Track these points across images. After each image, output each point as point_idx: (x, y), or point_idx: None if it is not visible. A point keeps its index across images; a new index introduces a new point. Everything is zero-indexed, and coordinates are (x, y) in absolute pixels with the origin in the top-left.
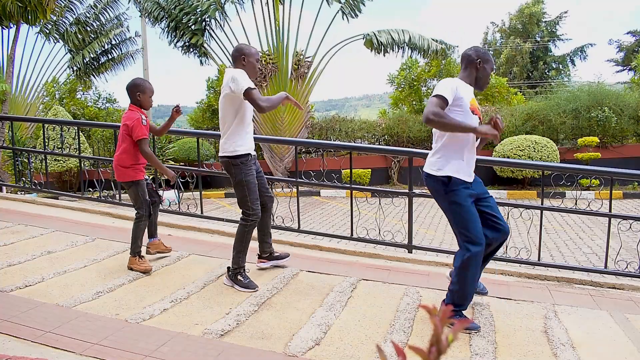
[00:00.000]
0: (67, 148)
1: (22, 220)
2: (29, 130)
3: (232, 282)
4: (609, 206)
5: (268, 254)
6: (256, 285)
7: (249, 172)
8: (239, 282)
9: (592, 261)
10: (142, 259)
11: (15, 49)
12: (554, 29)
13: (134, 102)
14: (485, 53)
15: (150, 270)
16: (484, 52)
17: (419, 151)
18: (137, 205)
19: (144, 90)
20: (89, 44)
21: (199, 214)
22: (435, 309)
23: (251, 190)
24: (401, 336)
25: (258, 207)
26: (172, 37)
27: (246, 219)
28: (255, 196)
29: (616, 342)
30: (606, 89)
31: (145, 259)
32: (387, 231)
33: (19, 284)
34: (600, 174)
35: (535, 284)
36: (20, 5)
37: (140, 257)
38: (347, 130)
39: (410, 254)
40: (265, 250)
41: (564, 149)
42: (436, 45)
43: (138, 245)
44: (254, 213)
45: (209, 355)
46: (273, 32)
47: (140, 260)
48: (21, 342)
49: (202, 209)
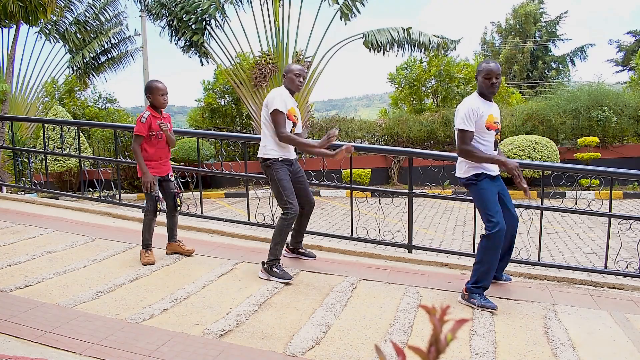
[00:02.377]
0: (67, 148)
1: (22, 220)
2: (29, 130)
3: (267, 275)
4: (609, 206)
5: (293, 248)
6: (291, 276)
7: (280, 171)
8: (274, 273)
9: (592, 261)
10: (147, 252)
11: (15, 49)
12: (554, 29)
13: (150, 103)
14: (480, 64)
15: (150, 263)
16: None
17: (419, 151)
18: (145, 199)
19: (151, 91)
20: (88, 44)
21: (199, 214)
22: (435, 309)
23: (284, 187)
24: (401, 336)
25: (294, 201)
26: (172, 35)
27: (285, 212)
28: (289, 192)
29: (616, 342)
30: (606, 89)
31: (151, 253)
32: (387, 231)
33: (19, 284)
34: (600, 174)
35: (535, 284)
36: (21, 5)
37: (147, 251)
38: (347, 130)
39: (410, 254)
40: (294, 244)
41: (564, 149)
42: (437, 40)
43: (145, 238)
44: (291, 207)
45: (209, 355)
46: (273, 32)
47: (146, 253)
48: (21, 342)
49: (202, 209)
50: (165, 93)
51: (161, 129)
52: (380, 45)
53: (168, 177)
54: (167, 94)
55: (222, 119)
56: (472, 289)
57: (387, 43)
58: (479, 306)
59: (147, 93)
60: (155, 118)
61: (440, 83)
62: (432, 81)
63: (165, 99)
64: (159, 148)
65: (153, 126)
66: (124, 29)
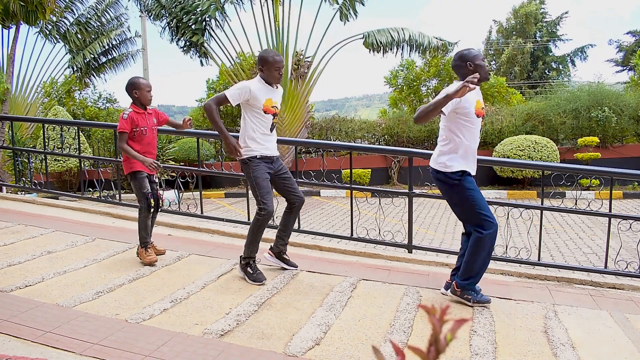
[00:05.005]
0: (67, 148)
1: (22, 220)
2: (29, 130)
3: (243, 274)
4: (609, 206)
5: (278, 251)
6: (264, 278)
7: (257, 169)
8: (247, 274)
9: (592, 261)
10: (147, 251)
11: (15, 49)
12: (554, 29)
13: (134, 100)
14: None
15: (153, 262)
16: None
17: (419, 151)
18: (137, 198)
19: (138, 87)
20: (89, 44)
21: (199, 214)
22: (435, 309)
23: (259, 185)
24: (401, 336)
25: (269, 202)
26: (173, 36)
27: (259, 212)
28: (264, 191)
29: (616, 342)
30: (606, 89)
31: (151, 251)
32: (387, 231)
33: (19, 284)
34: (600, 174)
35: (535, 284)
36: (22, 5)
37: (147, 249)
38: (347, 130)
39: (410, 254)
40: (279, 247)
41: (564, 149)
42: (436, 41)
43: (142, 236)
44: (265, 207)
45: (209, 355)
46: (273, 32)
47: (146, 252)
48: (21, 342)
49: (202, 209)
50: (151, 89)
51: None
52: (380, 45)
53: (154, 179)
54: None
55: (222, 119)
56: (466, 285)
57: (387, 43)
58: (475, 302)
59: (134, 89)
60: (138, 114)
61: (442, 84)
62: (433, 81)
63: (151, 94)
64: (144, 144)
65: (138, 122)
66: (125, 30)
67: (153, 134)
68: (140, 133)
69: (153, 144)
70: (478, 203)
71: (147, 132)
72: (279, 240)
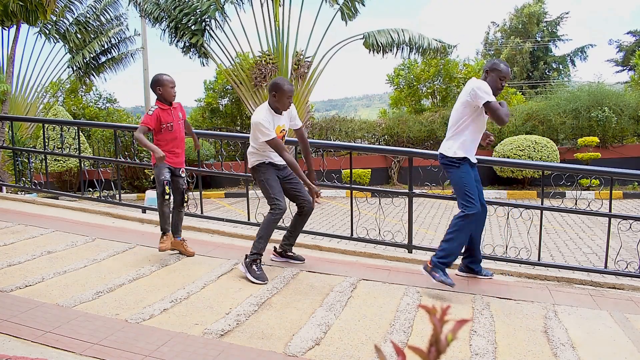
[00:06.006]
0: (67, 148)
1: (22, 220)
2: (29, 130)
3: (246, 270)
4: (609, 206)
5: (282, 251)
6: (267, 279)
7: (266, 172)
8: (252, 271)
9: (592, 261)
10: (163, 238)
11: (15, 49)
12: (555, 29)
13: (158, 97)
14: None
15: (163, 249)
16: (496, 61)
17: (419, 151)
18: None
19: (162, 83)
20: (89, 44)
21: (199, 214)
22: (435, 309)
23: (270, 185)
24: (401, 336)
25: (281, 199)
26: (172, 38)
27: (272, 211)
28: (275, 190)
29: (616, 342)
30: (606, 89)
31: (166, 238)
32: (387, 231)
33: (19, 284)
34: (600, 174)
35: (535, 284)
36: (22, 5)
37: (163, 236)
38: (347, 130)
39: (410, 254)
40: (283, 246)
41: (564, 149)
42: (436, 43)
43: (161, 222)
44: (278, 204)
45: (209, 355)
46: (273, 32)
47: (162, 238)
48: (21, 342)
49: (202, 209)
50: (174, 85)
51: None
52: (380, 46)
53: (179, 173)
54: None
55: (222, 118)
56: (438, 264)
57: (387, 44)
58: (439, 281)
59: (158, 86)
60: (163, 111)
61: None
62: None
63: (175, 91)
64: (170, 140)
65: (163, 119)
66: (124, 29)
67: (180, 128)
68: (167, 129)
69: (180, 138)
70: (468, 186)
71: (173, 127)
72: (285, 241)
